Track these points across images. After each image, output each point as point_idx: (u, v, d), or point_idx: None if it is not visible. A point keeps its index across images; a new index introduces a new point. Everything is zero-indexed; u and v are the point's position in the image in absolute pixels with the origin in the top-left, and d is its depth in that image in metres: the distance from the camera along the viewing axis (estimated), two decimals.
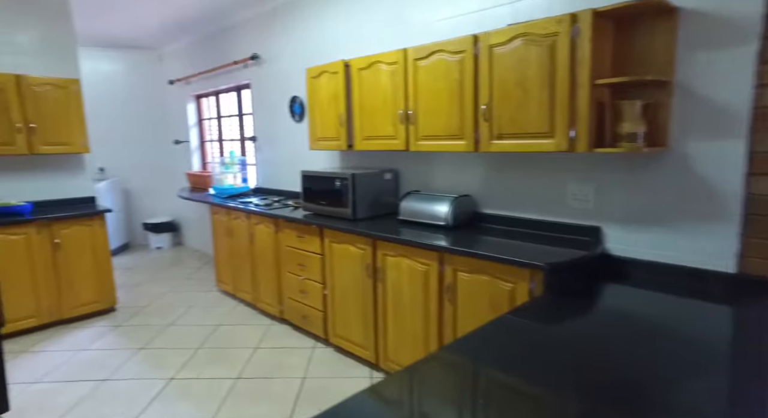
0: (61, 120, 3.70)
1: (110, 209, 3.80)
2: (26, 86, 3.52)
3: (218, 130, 5.54)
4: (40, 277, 3.49)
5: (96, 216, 3.72)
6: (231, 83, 4.86)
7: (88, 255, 3.71)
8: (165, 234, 6.33)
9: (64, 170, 4.01)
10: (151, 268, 5.35)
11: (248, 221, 3.73)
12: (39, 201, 3.85)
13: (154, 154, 6.39)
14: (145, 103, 6.28)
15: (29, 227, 3.41)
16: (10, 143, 3.49)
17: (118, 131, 6.23)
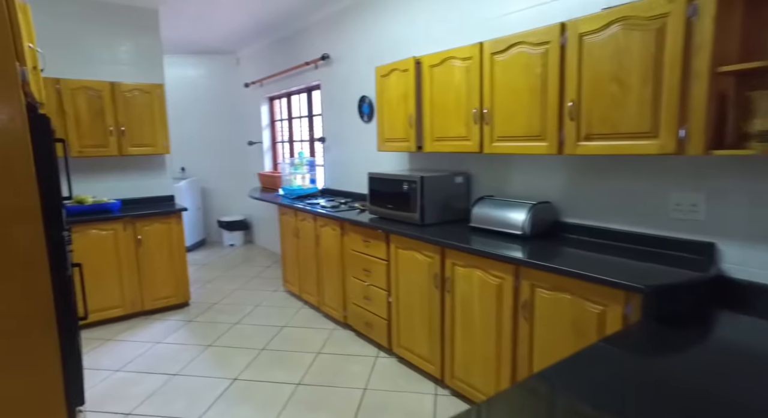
0: (146, 123, 3.92)
1: (186, 208, 3.96)
2: (119, 92, 3.76)
3: (289, 132, 5.64)
4: (125, 270, 3.70)
5: (174, 215, 3.89)
6: (302, 84, 4.91)
7: (166, 252, 3.89)
8: (237, 232, 6.57)
9: (147, 170, 4.25)
10: (223, 265, 5.56)
11: (314, 222, 3.71)
12: (125, 199, 4.10)
13: (229, 154, 6.66)
14: (223, 105, 6.57)
15: (117, 224, 3.63)
16: (104, 145, 3.74)
17: (198, 133, 6.58)
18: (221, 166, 6.70)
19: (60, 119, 3.56)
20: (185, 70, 6.45)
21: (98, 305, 3.61)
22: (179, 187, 5.97)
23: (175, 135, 6.50)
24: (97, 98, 3.68)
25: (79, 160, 3.89)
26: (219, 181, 6.74)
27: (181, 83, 6.46)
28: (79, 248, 3.48)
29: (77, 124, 3.63)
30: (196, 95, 6.52)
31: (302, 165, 4.74)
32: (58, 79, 3.53)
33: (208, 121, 6.58)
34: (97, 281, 3.58)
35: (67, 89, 3.56)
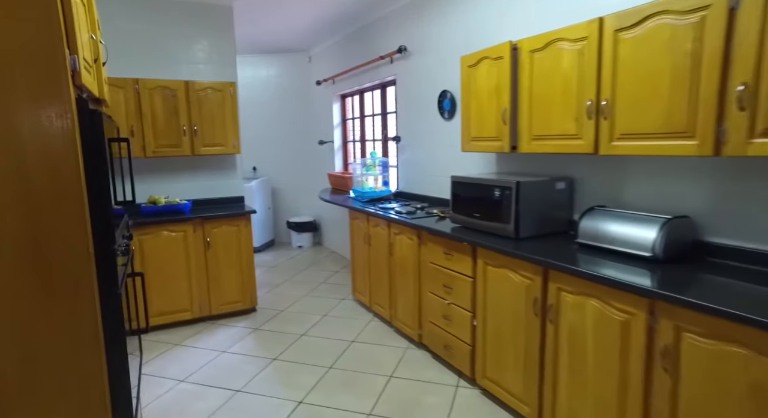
0: (217, 122, 3.82)
1: (254, 211, 3.81)
2: (192, 91, 3.69)
3: (360, 130, 5.39)
4: (194, 273, 3.62)
5: (242, 217, 3.76)
6: (375, 80, 4.63)
7: (234, 255, 3.76)
8: (306, 234, 6.45)
9: (218, 170, 4.17)
10: (291, 268, 5.43)
11: (388, 229, 3.39)
12: (197, 199, 4.05)
13: (300, 154, 6.56)
14: (294, 104, 6.48)
15: (187, 225, 3.55)
16: (178, 145, 3.69)
17: (269, 132, 6.55)
18: (291, 166, 6.62)
19: (137, 120, 3.54)
20: (258, 69, 6.44)
21: (167, 308, 3.55)
22: (250, 187, 5.94)
23: (248, 134, 6.52)
24: (171, 97, 3.63)
25: (154, 161, 3.88)
26: (289, 181, 6.67)
27: (254, 83, 6.46)
28: (150, 250, 3.43)
29: (153, 124, 3.59)
30: (268, 95, 6.49)
31: (374, 166, 4.45)
32: (136, 80, 3.51)
33: (279, 120, 6.53)
34: (168, 284, 3.52)
35: (145, 89, 3.53)
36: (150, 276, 3.45)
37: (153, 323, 3.53)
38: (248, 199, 5.91)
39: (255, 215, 6.10)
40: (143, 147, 3.58)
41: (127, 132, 3.50)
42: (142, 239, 3.41)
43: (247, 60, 6.40)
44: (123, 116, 3.47)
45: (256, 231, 6.06)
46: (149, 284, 3.45)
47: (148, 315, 3.16)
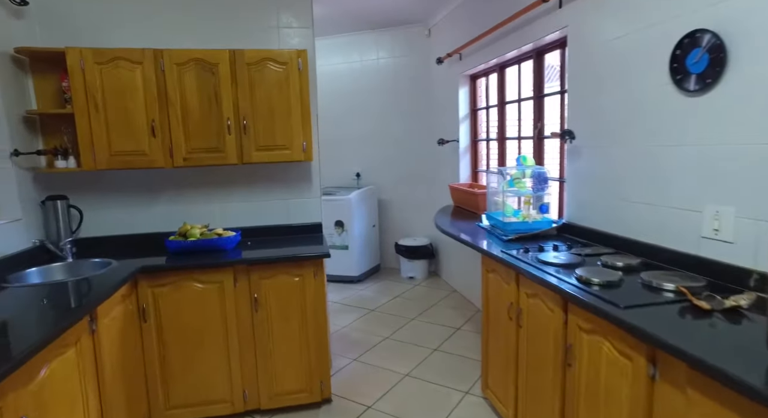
0: (279, 113, 2.49)
1: (328, 255, 2.38)
2: (241, 65, 2.41)
3: (499, 124, 3.67)
4: (235, 347, 2.34)
5: (308, 262, 2.35)
6: (526, 44, 2.89)
7: (296, 321, 2.39)
8: (420, 261, 4.93)
9: (282, 185, 2.86)
10: (394, 313, 3.94)
11: (562, 313, 1.67)
12: (249, 228, 2.78)
13: (414, 157, 5.07)
14: (408, 92, 5.00)
15: (224, 273, 2.28)
16: (219, 149, 2.44)
17: (377, 129, 5.18)
18: (403, 172, 5.16)
19: (161, 111, 2.36)
20: (363, 50, 5.11)
21: (196, 397, 2.32)
22: (349, 199, 4.63)
23: (350, 132, 5.24)
24: (210, 76, 2.38)
25: (187, 172, 2.70)
26: (400, 191, 5.22)
27: (358, 68, 5.15)
28: (170, 309, 2.24)
29: (185, 118, 2.39)
30: (375, 82, 5.12)
31: (523, 178, 2.72)
32: (160, 51, 2.33)
33: (389, 113, 5.12)
34: (196, 362, 2.29)
35: (172, 65, 2.34)
36: (170, 350, 2.25)
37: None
38: (346, 214, 4.62)
39: (356, 231, 4.88)
40: (170, 151, 2.39)
41: (146, 129, 2.34)
42: (156, 293, 2.22)
43: (349, 39, 5.11)
44: (141, 106, 2.32)
45: (356, 255, 4.74)
46: (169, 360, 2.25)
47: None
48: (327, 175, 5.36)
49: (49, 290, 1.86)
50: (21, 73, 2.39)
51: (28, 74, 2.43)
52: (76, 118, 2.27)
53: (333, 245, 4.79)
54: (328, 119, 5.25)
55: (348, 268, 4.81)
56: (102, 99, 2.27)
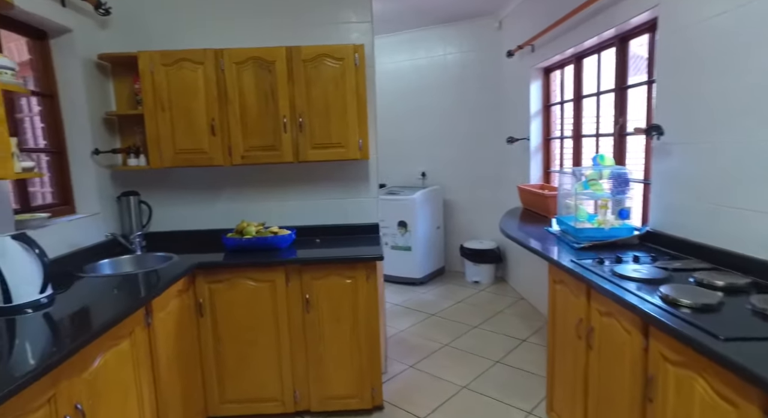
0: (334, 110, 2.44)
1: (381, 257, 2.28)
2: (297, 62, 2.39)
3: (574, 120, 3.36)
4: (287, 347, 2.32)
5: (361, 264, 2.27)
6: (607, 29, 2.58)
7: (347, 324, 2.32)
8: (485, 266, 4.69)
9: (339, 184, 2.80)
10: (457, 319, 3.75)
11: (630, 331, 1.43)
12: (304, 227, 2.76)
13: (482, 156, 4.83)
14: (476, 88, 4.77)
15: (276, 272, 2.26)
16: (275, 147, 2.44)
17: (443, 127, 5.01)
18: (470, 171, 4.94)
19: (221, 110, 2.40)
20: (430, 47, 4.95)
21: (247, 393, 2.34)
22: (413, 199, 4.51)
23: (415, 131, 5.12)
24: (267, 74, 2.39)
25: (246, 170, 2.73)
26: (466, 192, 5.01)
27: (424, 65, 5.01)
28: (224, 306, 2.27)
29: (242, 116, 2.42)
30: (442, 79, 4.94)
31: (600, 179, 2.43)
32: (220, 51, 2.37)
33: (456, 111, 4.92)
34: (248, 358, 2.30)
35: (231, 64, 2.37)
36: (225, 345, 2.29)
37: (228, 412, 2.36)
38: (410, 215, 4.51)
39: (419, 233, 4.73)
40: (229, 149, 2.43)
41: (206, 129, 2.39)
42: (212, 289, 2.26)
43: (414, 36, 4.99)
44: (202, 105, 2.38)
45: (419, 257, 4.61)
46: (223, 355, 2.29)
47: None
48: (392, 174, 5.30)
49: (114, 282, 1.95)
50: (104, 78, 2.56)
51: (109, 78, 2.60)
52: (146, 118, 2.38)
53: (395, 246, 4.70)
54: (392, 118, 5.18)
55: (410, 270, 4.70)
56: (168, 99, 2.36)
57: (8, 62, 1.60)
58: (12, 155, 1.57)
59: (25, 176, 1.62)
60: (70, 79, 2.34)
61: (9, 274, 1.59)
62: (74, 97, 2.35)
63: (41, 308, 1.64)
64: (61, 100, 2.35)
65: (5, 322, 1.53)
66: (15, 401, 1.11)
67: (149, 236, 2.68)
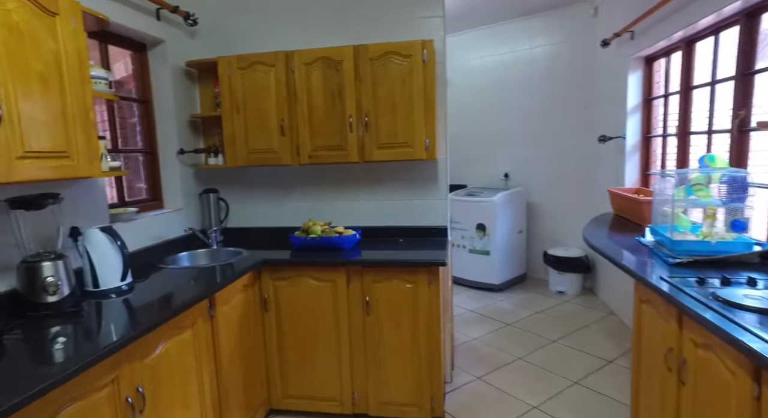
0: (400, 109, 2.36)
1: (444, 263, 2.16)
2: (364, 60, 2.35)
3: (680, 116, 2.92)
4: (346, 348, 2.30)
5: (421, 269, 2.18)
6: (729, 4, 2.18)
7: (407, 329, 2.24)
8: (571, 275, 4.31)
9: (408, 184, 2.71)
10: (534, 330, 3.48)
11: (735, 373, 1.16)
12: (370, 228, 2.71)
13: (570, 156, 4.45)
14: (564, 84, 4.40)
15: (337, 273, 2.26)
16: (341, 147, 2.43)
17: (528, 125, 4.70)
18: (556, 173, 4.58)
19: (290, 110, 2.45)
20: (516, 40, 4.66)
21: (308, 390, 2.36)
22: (492, 201, 4.30)
23: (496, 131, 4.87)
24: (334, 74, 2.38)
25: (314, 169, 2.75)
26: (552, 194, 4.65)
27: (509, 60, 4.73)
28: (288, 302, 2.32)
29: (310, 116, 2.44)
30: (528, 74, 4.63)
31: (708, 183, 2.07)
32: (291, 53, 2.41)
33: (542, 108, 4.59)
34: (309, 356, 2.33)
35: (300, 65, 2.41)
36: (287, 341, 2.34)
37: (289, 407, 2.41)
38: (489, 217, 4.30)
39: (498, 236, 4.46)
40: (297, 149, 2.47)
41: (276, 129, 2.45)
42: (277, 285, 2.31)
43: (498, 30, 4.73)
44: (273, 106, 2.44)
45: (498, 262, 4.38)
46: (286, 351, 2.34)
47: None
48: (473, 175, 5.10)
49: (186, 274, 2.08)
50: (191, 83, 2.75)
51: (196, 83, 2.79)
52: (223, 120, 2.51)
53: (473, 249, 4.51)
54: (475, 116, 4.98)
55: (488, 275, 4.48)
56: (242, 101, 2.47)
57: (102, 73, 1.76)
58: (102, 156, 1.73)
59: (111, 175, 1.77)
60: (162, 86, 2.55)
61: (97, 262, 1.75)
62: (164, 101, 2.56)
63: (122, 294, 1.79)
64: (154, 104, 2.56)
65: (94, 304, 1.68)
66: (82, 378, 1.21)
67: (226, 231, 2.83)
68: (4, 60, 1.33)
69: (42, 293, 1.55)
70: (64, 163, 1.51)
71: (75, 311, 1.57)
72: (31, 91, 1.40)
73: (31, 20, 1.42)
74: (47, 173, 1.45)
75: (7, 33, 1.34)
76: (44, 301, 1.55)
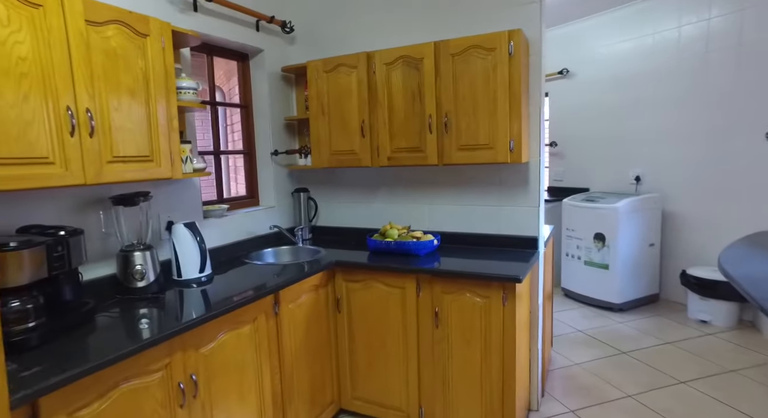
0: (482, 106, 2.16)
1: (518, 278, 1.91)
2: (444, 57, 2.21)
3: None
4: (413, 358, 2.21)
5: (495, 283, 1.97)
6: None
7: (478, 347, 2.05)
8: (719, 302, 3.54)
9: (493, 189, 2.48)
10: (657, 363, 2.93)
11: None
12: (453, 233, 2.55)
13: (724, 157, 3.65)
14: (722, 68, 3.61)
15: (406, 279, 2.17)
16: (419, 148, 2.33)
17: (668, 121, 3.99)
18: (703, 177, 3.80)
19: (371, 111, 2.42)
20: (656, 20, 3.96)
21: (375, 395, 2.33)
22: (614, 208, 3.77)
23: (629, 128, 4.24)
24: (414, 72, 2.28)
25: (395, 171, 2.68)
26: (695, 202, 3.88)
27: (644, 46, 4.06)
28: (359, 306, 2.32)
29: (390, 117, 2.38)
30: (670, 59, 3.92)
31: None
32: (372, 53, 2.38)
33: (687, 100, 3.85)
34: (377, 360, 2.30)
35: (381, 65, 2.36)
36: (357, 343, 2.34)
37: (357, 409, 2.41)
38: (610, 227, 3.78)
39: (622, 252, 3.83)
40: (377, 150, 2.43)
41: (357, 130, 2.45)
42: (350, 287, 2.32)
43: (636, 9, 4.06)
44: (354, 107, 2.44)
45: (620, 278, 3.84)
46: (357, 353, 2.34)
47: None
48: (597, 178, 4.53)
49: (264, 270, 2.19)
50: (288, 88, 2.92)
51: (293, 88, 2.95)
52: (310, 122, 2.59)
53: (589, 262, 4.00)
54: (602, 112, 4.42)
55: (606, 292, 3.93)
56: (327, 104, 2.52)
57: (191, 84, 1.94)
58: (186, 159, 1.91)
59: (194, 176, 1.95)
60: (260, 91, 2.74)
61: (181, 254, 1.95)
62: (261, 105, 2.75)
63: (202, 284, 1.96)
64: (254, 109, 2.77)
65: (175, 292, 1.88)
66: (135, 360, 1.34)
67: (316, 229, 2.94)
68: (101, 81, 1.54)
69: (131, 278, 1.77)
70: (148, 166, 1.71)
71: (154, 298, 1.77)
72: (120, 104, 1.60)
73: (125, 43, 1.62)
74: (133, 175, 1.65)
75: (104, 57, 1.55)
76: (133, 285, 1.78)
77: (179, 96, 1.89)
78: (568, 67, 4.69)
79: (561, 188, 4.86)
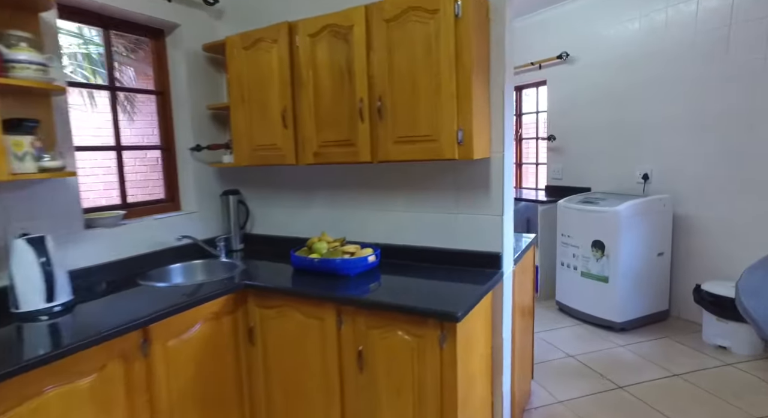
0: (424, 87, 1.66)
1: (455, 316, 1.43)
2: (378, 22, 1.72)
3: None
4: (334, 407, 1.74)
5: (431, 319, 1.48)
6: None
7: (408, 400, 1.57)
8: (739, 325, 2.98)
9: (446, 192, 1.98)
10: (663, 403, 2.40)
11: None
12: (396, 247, 2.06)
13: (749, 151, 3.07)
14: (744, 46, 3.03)
15: (324, 310, 1.70)
16: (351, 141, 1.84)
17: (680, 110, 3.43)
18: (722, 174, 3.23)
19: (293, 97, 1.95)
20: None
21: None
22: (615, 212, 3.24)
23: (637, 119, 3.70)
24: (342, 44, 1.80)
25: (337, 170, 2.20)
26: (713, 204, 3.31)
27: (655, 26, 3.49)
28: (274, 339, 1.86)
29: (316, 103, 1.90)
30: (686, 38, 3.36)
31: None
32: (295, 24, 1.90)
33: (703, 86, 3.28)
34: (295, 406, 1.83)
35: (305, 37, 1.88)
36: (274, 383, 1.88)
37: None
38: (610, 233, 3.27)
39: (624, 263, 3.25)
40: (302, 144, 1.96)
41: (278, 120, 1.98)
42: (264, 315, 1.87)
43: None
44: (276, 92, 1.97)
45: (621, 292, 3.33)
46: (273, 394, 1.89)
47: None
48: (600, 177, 3.99)
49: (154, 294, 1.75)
50: (215, 71, 2.46)
51: (222, 71, 2.49)
52: (231, 111, 2.14)
53: (586, 273, 3.48)
54: (606, 101, 3.87)
55: (606, 308, 3.39)
56: (247, 88, 2.06)
57: (33, 57, 1.50)
58: (24, 155, 1.48)
59: (34, 177, 1.50)
60: (178, 74, 2.29)
61: (18, 279, 1.51)
62: (179, 92, 2.30)
63: (54, 316, 1.52)
64: (172, 96, 2.33)
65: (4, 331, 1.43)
66: None
67: (249, 238, 2.49)
68: None
69: None
70: None
71: None
72: None
73: None
74: None
75: None
76: None
77: (12, 72, 1.45)
78: (567, 51, 4.13)
79: (560, 188, 4.32)
